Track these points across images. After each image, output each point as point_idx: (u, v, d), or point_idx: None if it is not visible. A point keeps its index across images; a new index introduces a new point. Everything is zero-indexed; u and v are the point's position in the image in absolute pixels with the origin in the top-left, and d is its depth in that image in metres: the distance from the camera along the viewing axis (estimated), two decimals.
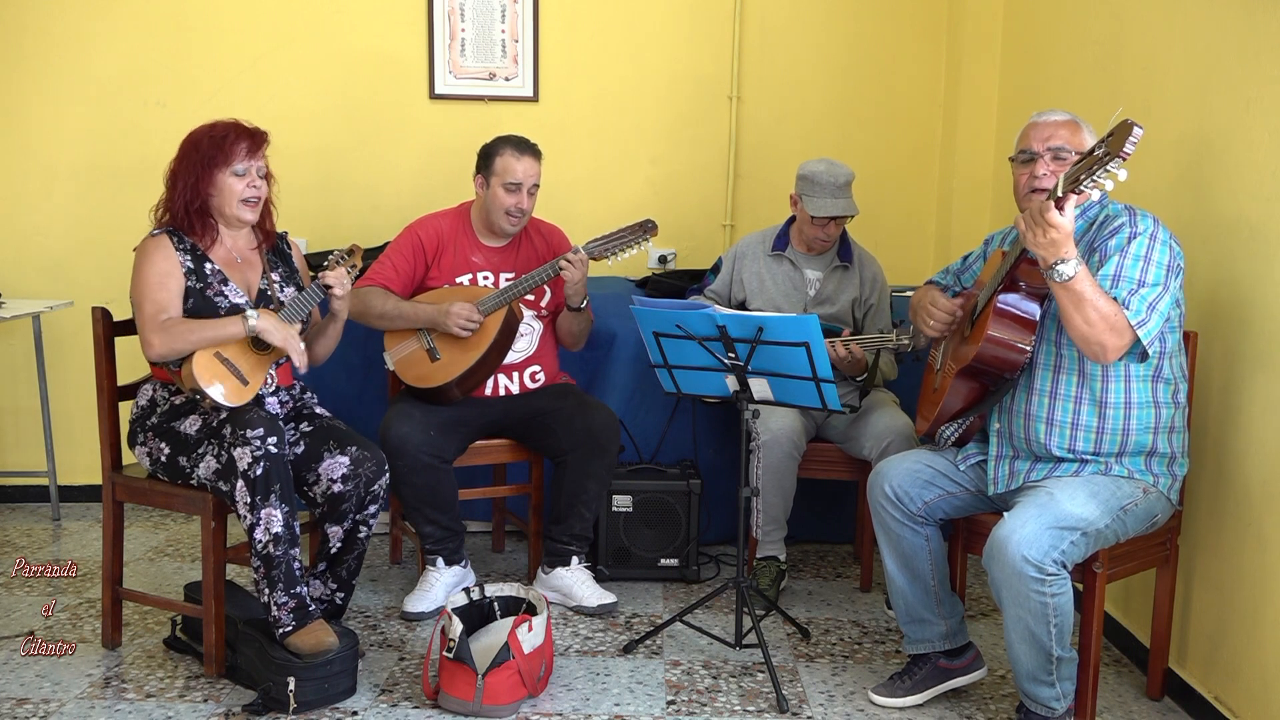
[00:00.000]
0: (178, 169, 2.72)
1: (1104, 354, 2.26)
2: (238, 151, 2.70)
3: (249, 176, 2.72)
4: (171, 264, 2.67)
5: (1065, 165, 2.37)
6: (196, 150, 2.70)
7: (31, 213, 4.11)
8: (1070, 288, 2.20)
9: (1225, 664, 2.51)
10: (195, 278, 2.69)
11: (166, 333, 2.60)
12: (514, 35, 4.12)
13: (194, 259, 2.70)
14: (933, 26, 4.21)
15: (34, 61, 4.03)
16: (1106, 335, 2.23)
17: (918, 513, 2.55)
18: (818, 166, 3.27)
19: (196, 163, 2.69)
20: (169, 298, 2.65)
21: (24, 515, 4.09)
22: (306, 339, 2.89)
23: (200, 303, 2.68)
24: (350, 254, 2.81)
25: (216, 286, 2.70)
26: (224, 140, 2.70)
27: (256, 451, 2.51)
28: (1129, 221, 2.34)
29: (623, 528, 3.39)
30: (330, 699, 2.58)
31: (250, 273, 2.80)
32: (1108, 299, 2.24)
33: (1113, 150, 2.02)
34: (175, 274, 2.67)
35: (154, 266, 2.66)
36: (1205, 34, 2.62)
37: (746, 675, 2.80)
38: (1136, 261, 2.29)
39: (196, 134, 2.73)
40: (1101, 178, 2.06)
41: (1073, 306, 2.22)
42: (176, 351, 2.60)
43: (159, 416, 2.73)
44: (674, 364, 2.81)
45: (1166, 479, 2.43)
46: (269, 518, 2.52)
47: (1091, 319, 2.21)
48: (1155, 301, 2.27)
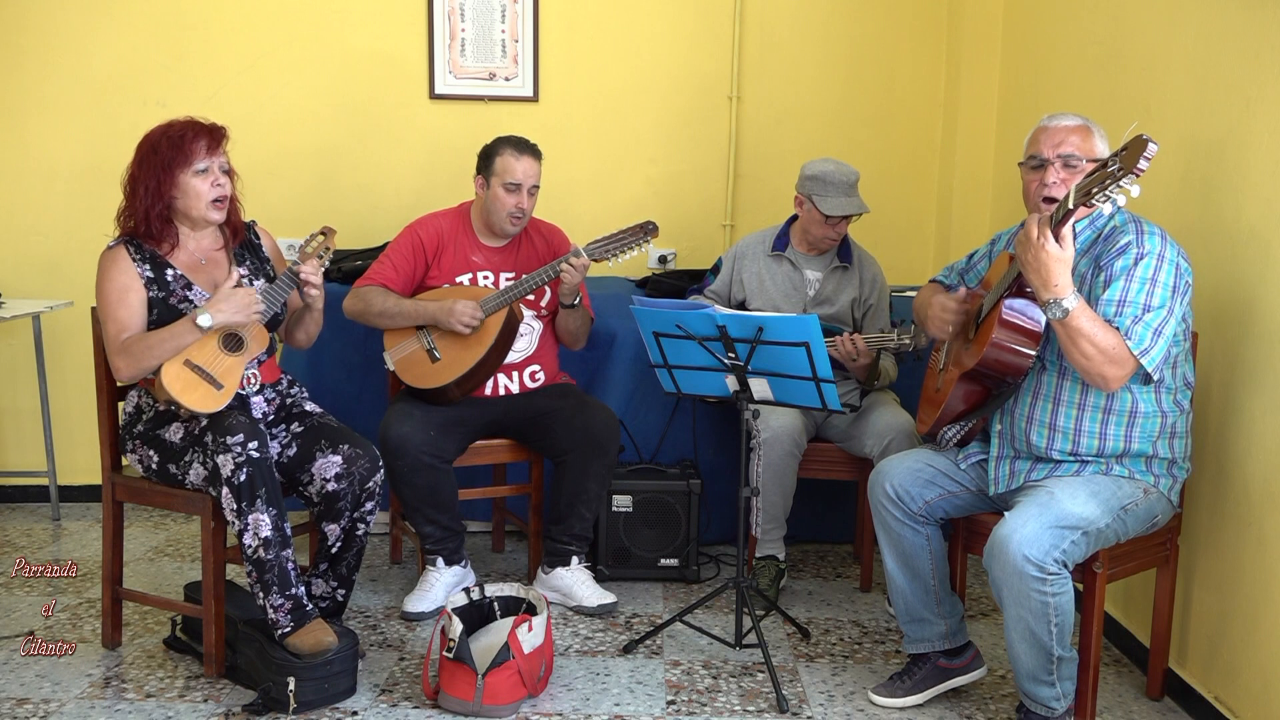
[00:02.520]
0: (137, 174, 2.64)
1: (1105, 384, 2.26)
2: (197, 150, 2.63)
3: (212, 174, 2.65)
4: (129, 277, 2.62)
5: (1075, 173, 2.36)
6: (155, 153, 2.62)
7: (31, 213, 4.11)
8: (1066, 324, 2.20)
9: (1225, 664, 2.51)
10: (156, 287, 2.63)
11: (128, 353, 2.56)
12: (514, 35, 4.12)
13: (154, 267, 2.64)
14: (933, 26, 4.21)
15: (34, 61, 4.03)
16: (1106, 367, 2.22)
17: (918, 512, 2.55)
18: (826, 166, 3.27)
19: (156, 166, 2.62)
20: (129, 315, 2.60)
21: (24, 515, 4.09)
22: (287, 328, 2.86)
23: (165, 312, 2.63)
24: (324, 235, 2.75)
25: (180, 293, 2.65)
26: (182, 140, 2.63)
27: (238, 458, 2.50)
28: (1136, 240, 2.31)
29: (623, 528, 3.39)
30: (330, 699, 2.58)
31: (216, 272, 2.73)
32: (1107, 331, 2.22)
33: (1126, 166, 2.00)
34: (134, 287, 2.61)
35: (112, 283, 2.61)
36: (1205, 34, 2.61)
37: (746, 675, 2.80)
38: (1143, 285, 2.27)
39: (153, 136, 2.66)
40: (1114, 193, 2.04)
41: (1070, 342, 2.22)
42: (144, 369, 2.56)
43: (144, 424, 2.72)
44: (674, 364, 2.81)
45: (1167, 480, 2.43)
46: (256, 523, 2.52)
47: (1089, 353, 2.21)
48: (1160, 326, 2.25)
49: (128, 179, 2.67)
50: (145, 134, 2.68)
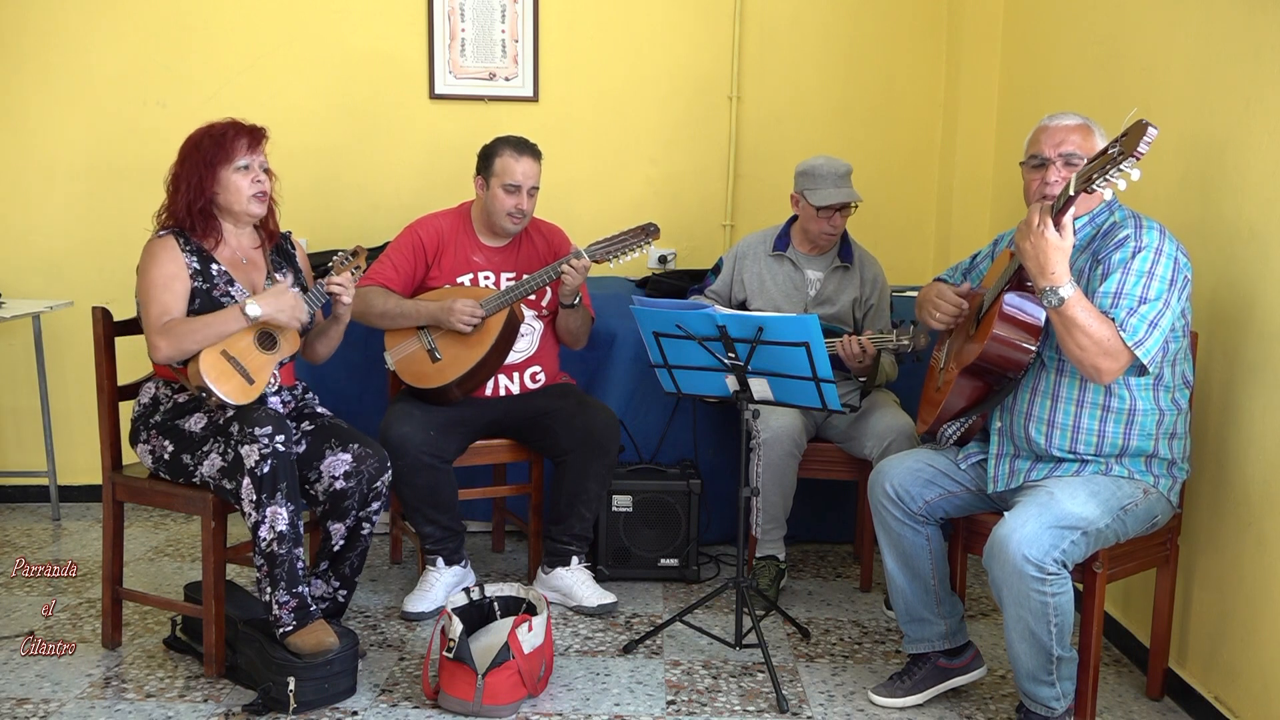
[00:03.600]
0: (180, 171, 2.72)
1: (1098, 376, 2.26)
2: (239, 147, 2.71)
3: (253, 171, 2.73)
4: (178, 266, 2.67)
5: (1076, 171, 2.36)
6: (198, 150, 2.71)
7: (31, 213, 4.11)
8: (1062, 313, 2.20)
9: (1225, 664, 2.51)
10: (201, 279, 2.69)
11: (170, 334, 2.60)
12: (514, 35, 4.13)
13: (200, 259, 2.70)
14: (933, 26, 4.21)
15: (34, 61, 4.03)
16: (1100, 359, 2.23)
17: (918, 512, 2.55)
18: (816, 161, 3.28)
19: (199, 163, 2.69)
20: (173, 300, 2.65)
21: (24, 515, 4.09)
22: (307, 340, 2.89)
23: (206, 303, 2.68)
24: (354, 255, 2.82)
25: (223, 287, 2.70)
26: (224, 138, 2.71)
27: (264, 449, 2.51)
28: (1134, 234, 2.32)
29: (623, 528, 3.39)
30: (330, 699, 2.58)
31: (255, 273, 2.80)
32: (1102, 323, 2.22)
33: (1126, 150, 2.01)
34: (181, 276, 2.66)
35: (160, 269, 2.66)
36: (1206, 34, 2.62)
37: (746, 675, 2.80)
38: (1139, 278, 2.27)
39: (195, 135, 2.74)
40: (1114, 177, 2.05)
41: (1065, 331, 2.22)
42: (184, 352, 2.60)
43: (163, 414, 2.73)
44: (674, 364, 2.81)
45: (1167, 480, 2.43)
46: (274, 516, 2.53)
47: (1084, 344, 2.21)
48: (1156, 319, 2.26)
49: (170, 177, 2.74)
50: (188, 135, 2.75)
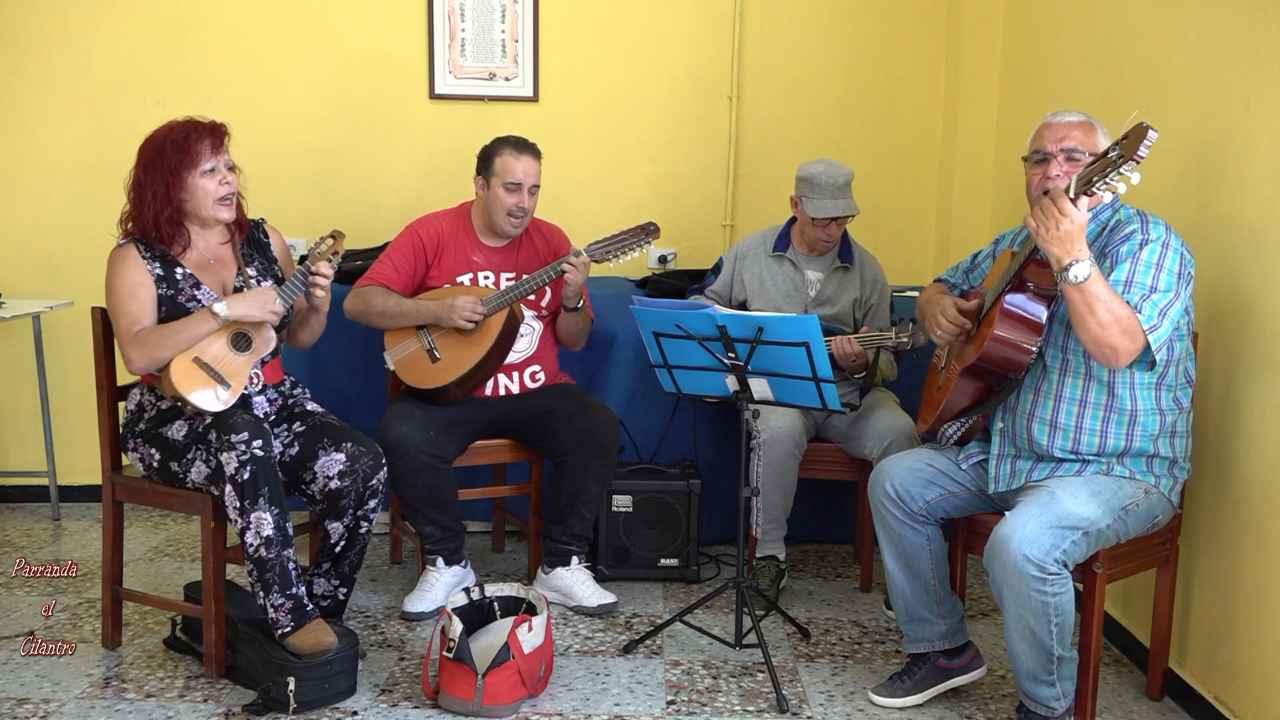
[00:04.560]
0: (143, 179, 2.63)
1: (1115, 358, 2.23)
2: (202, 150, 2.62)
3: (219, 173, 2.66)
4: (140, 273, 2.62)
5: (1078, 167, 2.36)
6: (160, 157, 2.61)
7: (31, 213, 4.11)
8: (1085, 289, 2.18)
9: (1225, 664, 2.51)
10: (166, 284, 2.64)
11: (142, 344, 2.56)
12: (514, 35, 4.12)
13: (163, 265, 2.65)
14: (933, 26, 4.21)
15: (34, 62, 4.03)
16: (1120, 338, 2.21)
17: (919, 511, 2.55)
18: (817, 168, 3.27)
19: (163, 170, 2.61)
20: (141, 308, 2.60)
21: (24, 515, 4.09)
22: (290, 329, 2.86)
23: (173, 310, 2.63)
24: (334, 238, 2.74)
25: (189, 292, 2.65)
26: (186, 141, 2.62)
27: (242, 456, 2.50)
28: (1141, 228, 2.33)
29: (623, 528, 3.39)
30: (330, 699, 2.58)
31: (224, 272, 2.74)
32: (1121, 301, 2.22)
33: (1126, 153, 2.01)
34: (145, 283, 2.62)
35: (123, 278, 2.61)
36: (1205, 34, 2.62)
37: (746, 675, 2.80)
38: (1149, 269, 2.27)
39: (155, 139, 2.65)
40: (1114, 180, 2.05)
41: (1086, 309, 2.19)
42: (157, 360, 2.56)
43: (146, 422, 2.71)
44: (674, 364, 2.81)
45: (1168, 481, 2.43)
46: (259, 521, 2.52)
47: (1105, 321, 2.19)
48: (1166, 308, 2.25)
49: (132, 184, 2.66)
50: (146, 137, 2.67)
